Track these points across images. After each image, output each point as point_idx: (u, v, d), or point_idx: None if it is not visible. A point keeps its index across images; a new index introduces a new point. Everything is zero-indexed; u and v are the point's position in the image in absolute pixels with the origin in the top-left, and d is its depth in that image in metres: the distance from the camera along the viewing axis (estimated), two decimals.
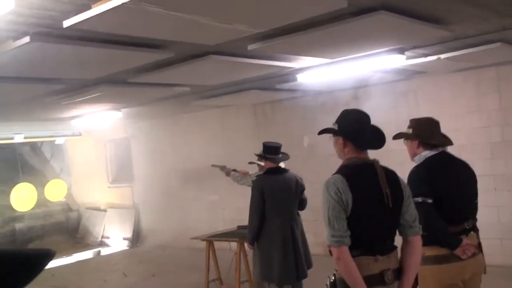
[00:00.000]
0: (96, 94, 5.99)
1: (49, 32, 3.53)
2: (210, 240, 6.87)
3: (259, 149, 5.65)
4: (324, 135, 3.11)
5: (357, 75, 6.55)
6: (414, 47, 5.31)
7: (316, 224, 8.66)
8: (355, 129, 2.92)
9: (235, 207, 9.90)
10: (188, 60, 4.85)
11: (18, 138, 11.21)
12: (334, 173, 2.88)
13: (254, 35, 4.06)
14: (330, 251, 2.76)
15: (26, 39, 3.51)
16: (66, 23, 3.19)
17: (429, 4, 3.74)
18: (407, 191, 2.94)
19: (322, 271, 3.46)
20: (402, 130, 3.74)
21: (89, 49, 3.81)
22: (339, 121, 3.01)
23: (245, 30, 3.72)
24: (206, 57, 4.72)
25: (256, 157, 5.82)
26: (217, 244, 6.99)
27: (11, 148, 12.03)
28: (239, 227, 6.99)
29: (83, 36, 3.68)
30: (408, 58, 5.65)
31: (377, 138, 2.95)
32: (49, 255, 1.20)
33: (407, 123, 3.73)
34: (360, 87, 8.04)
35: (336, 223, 2.70)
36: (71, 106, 7.40)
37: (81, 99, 6.22)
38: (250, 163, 6.10)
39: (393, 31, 4.19)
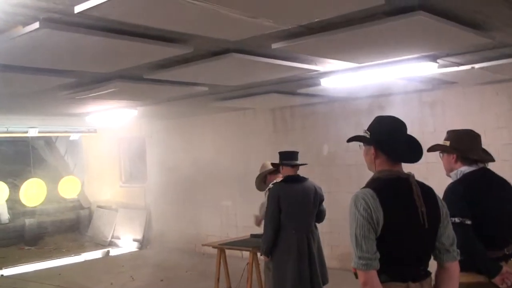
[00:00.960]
0: (111, 90, 5.75)
1: (59, 19, 3.28)
2: (222, 248, 6.60)
3: (277, 156, 5.40)
4: (351, 143, 2.80)
5: (382, 82, 6.24)
6: (447, 55, 4.99)
7: (332, 236, 8.41)
8: (389, 139, 2.62)
9: (248, 213, 9.57)
10: (208, 58, 4.59)
11: (33, 132, 11.08)
12: (363, 187, 2.57)
13: (279, 33, 3.78)
14: (355, 274, 2.46)
15: (36, 25, 3.26)
16: (78, 8, 2.94)
17: (472, 6, 3.43)
18: (444, 211, 2.64)
19: (337, 286, 3.18)
20: (427, 142, 3.42)
21: (102, 39, 3.55)
22: (371, 128, 2.71)
23: (270, 26, 3.43)
24: (226, 55, 4.45)
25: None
26: (229, 251, 6.72)
27: (25, 142, 11.90)
28: (252, 236, 6.71)
29: (95, 25, 3.43)
30: (440, 66, 5.33)
31: (413, 150, 2.64)
32: None
33: (433, 135, 3.43)
34: (384, 95, 7.71)
35: (364, 243, 2.41)
36: (85, 101, 7.20)
37: (95, 94, 5.99)
38: (273, 165, 5.74)
39: (429, 35, 3.87)
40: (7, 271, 9.79)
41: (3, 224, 11.89)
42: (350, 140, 2.79)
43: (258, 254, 6.30)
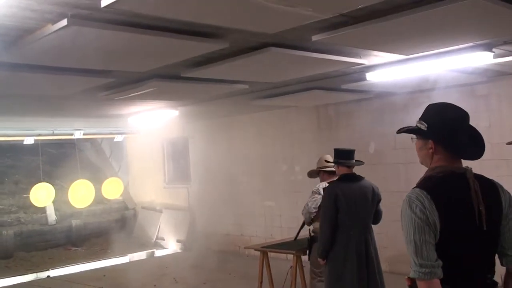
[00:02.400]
0: (148, 90, 5.63)
1: (88, 15, 3.15)
2: (265, 250, 6.39)
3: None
4: (400, 137, 2.52)
5: (431, 75, 5.88)
6: (505, 43, 4.60)
7: (380, 238, 7.98)
8: (452, 132, 2.30)
9: (292, 215, 9.37)
10: (245, 53, 4.38)
11: (78, 134, 11.19)
12: (415, 187, 2.28)
13: (320, 23, 3.54)
14: (412, 286, 2.18)
15: (64, 22, 3.13)
16: (104, 2, 2.78)
17: None
18: (506, 207, 2.30)
19: None
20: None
21: (132, 35, 3.40)
22: (428, 118, 2.37)
23: (309, 16, 3.18)
24: (265, 50, 4.23)
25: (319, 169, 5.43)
26: (272, 253, 6.52)
27: (71, 144, 12.04)
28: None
29: (125, 21, 3.28)
30: (496, 56, 4.93)
31: (476, 145, 2.33)
32: None
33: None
34: (434, 89, 7.29)
35: (425, 249, 2.12)
36: (125, 102, 7.16)
37: (133, 94, 5.89)
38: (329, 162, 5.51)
39: (485, 20, 3.54)
40: (54, 272, 9.89)
41: (51, 225, 12.05)
42: (400, 131, 2.47)
43: (302, 257, 6.08)
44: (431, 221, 2.15)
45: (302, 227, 5.98)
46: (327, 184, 5.24)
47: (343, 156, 4.98)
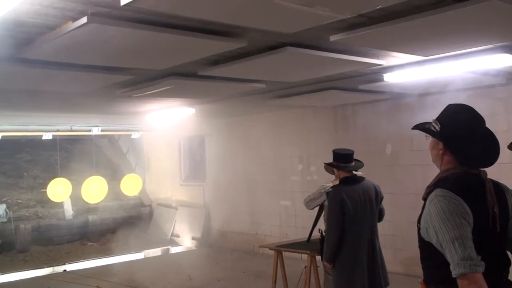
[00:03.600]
0: (166, 87, 5.67)
1: (108, 13, 3.19)
2: (279, 250, 6.39)
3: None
4: (416, 135, 2.51)
5: (450, 76, 5.82)
6: None
7: (395, 240, 8.02)
8: (463, 138, 2.30)
9: (307, 215, 9.33)
10: (263, 52, 4.39)
11: (95, 131, 11.30)
12: (436, 188, 2.26)
13: (337, 23, 3.53)
14: None
15: (84, 19, 3.17)
16: (124, 1, 2.81)
17: None
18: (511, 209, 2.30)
19: None
20: (500, 141, 3.03)
21: (151, 33, 3.42)
22: (443, 119, 2.38)
23: (327, 16, 3.18)
24: (282, 49, 4.23)
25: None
26: (287, 252, 6.52)
27: (88, 140, 12.16)
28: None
29: (144, 19, 3.31)
30: None
31: (488, 153, 2.32)
32: None
33: (508, 134, 3.05)
34: (452, 91, 7.22)
35: (468, 243, 2.10)
36: (142, 99, 7.20)
37: (150, 92, 5.92)
38: (328, 164, 5.50)
39: (506, 22, 3.49)
40: (70, 267, 10.01)
41: (68, 220, 12.20)
42: (415, 127, 2.49)
43: (317, 257, 6.06)
44: (468, 218, 2.15)
45: (313, 227, 5.97)
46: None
47: (342, 159, 4.94)
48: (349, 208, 4.74)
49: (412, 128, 2.51)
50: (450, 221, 2.13)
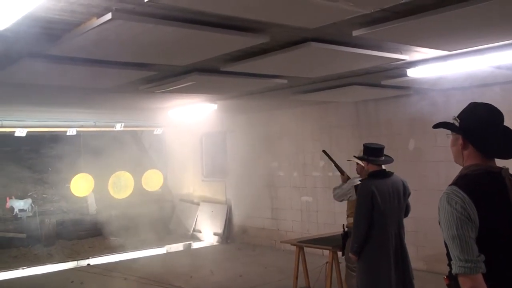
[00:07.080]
0: (188, 83, 5.70)
1: (132, 9, 3.22)
2: (301, 245, 6.39)
3: (360, 151, 5.12)
4: (439, 133, 2.49)
5: (476, 71, 5.74)
6: None
7: (418, 236, 7.95)
8: (482, 129, 2.30)
9: (329, 210, 9.34)
10: (285, 48, 4.38)
11: (118, 126, 11.44)
12: (450, 185, 2.27)
13: (360, 18, 3.51)
14: (450, 285, 2.17)
15: (108, 16, 3.21)
16: None
17: None
18: None
19: None
20: None
21: (175, 29, 3.45)
22: (462, 115, 2.39)
23: (350, 10, 3.17)
24: (305, 44, 4.22)
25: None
26: (308, 248, 6.52)
27: (111, 136, 12.28)
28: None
29: (168, 15, 3.33)
30: None
31: (508, 145, 2.30)
32: None
33: None
34: (478, 86, 7.12)
35: (468, 244, 2.12)
36: (165, 95, 7.25)
37: (173, 88, 5.96)
38: (349, 160, 5.51)
39: None
40: (94, 261, 10.15)
41: (91, 215, 12.36)
42: (436, 126, 2.49)
43: (339, 253, 6.05)
44: (472, 217, 2.15)
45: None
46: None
47: (373, 153, 4.94)
48: (378, 201, 4.74)
49: (433, 127, 2.50)
50: (450, 220, 2.17)
